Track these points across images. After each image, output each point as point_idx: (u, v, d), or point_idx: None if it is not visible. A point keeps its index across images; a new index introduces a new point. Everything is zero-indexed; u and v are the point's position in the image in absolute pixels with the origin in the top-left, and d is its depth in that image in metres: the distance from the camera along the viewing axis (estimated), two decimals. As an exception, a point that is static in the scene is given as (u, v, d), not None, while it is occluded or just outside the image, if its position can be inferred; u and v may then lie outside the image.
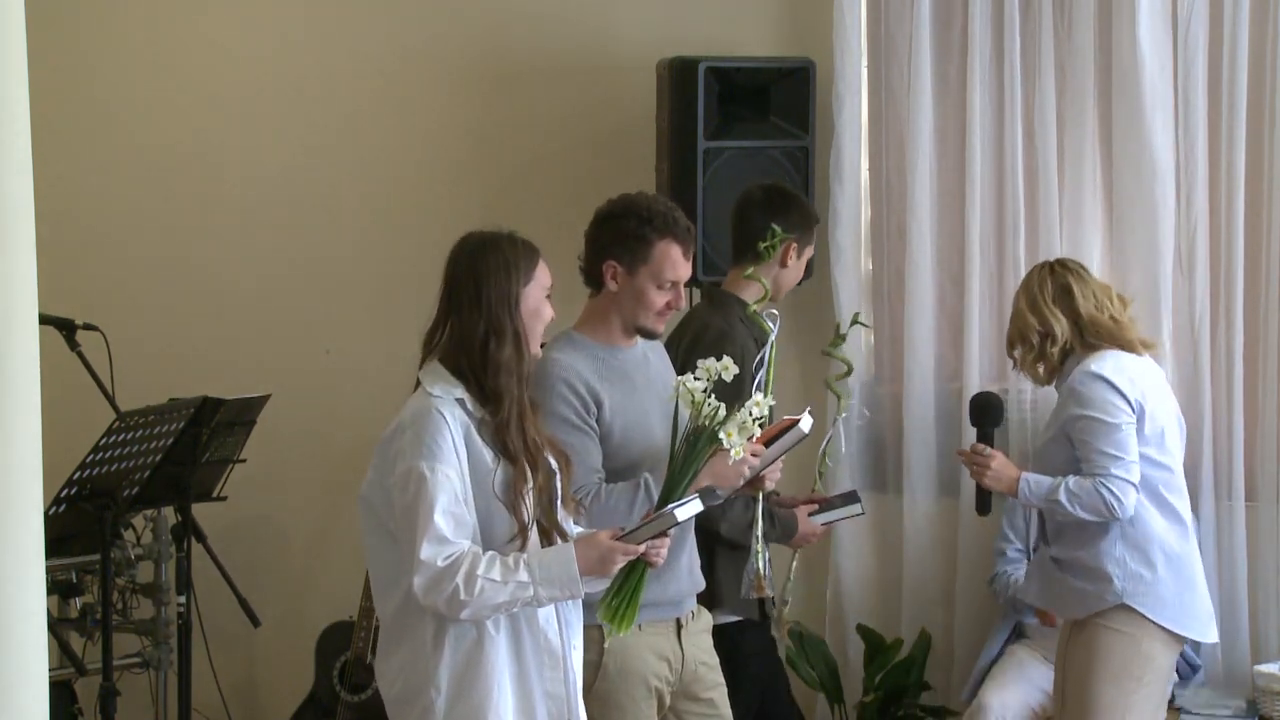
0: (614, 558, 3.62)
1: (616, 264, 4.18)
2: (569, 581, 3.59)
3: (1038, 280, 4.86)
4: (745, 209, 4.88)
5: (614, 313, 4.23)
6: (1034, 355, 4.82)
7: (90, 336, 5.72)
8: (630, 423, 4.16)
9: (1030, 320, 4.81)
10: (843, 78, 5.94)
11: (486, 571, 3.53)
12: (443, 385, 3.65)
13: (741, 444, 3.80)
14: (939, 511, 5.99)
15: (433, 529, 3.53)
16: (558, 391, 4.11)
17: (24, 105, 2.97)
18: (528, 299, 3.69)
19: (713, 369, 3.81)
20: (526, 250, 3.73)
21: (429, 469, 3.55)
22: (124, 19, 6.65)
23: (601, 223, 4.23)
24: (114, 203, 6.62)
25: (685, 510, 3.67)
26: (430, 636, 3.63)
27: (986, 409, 4.90)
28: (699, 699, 4.32)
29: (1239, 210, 5.65)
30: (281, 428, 6.11)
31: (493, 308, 3.66)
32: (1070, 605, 4.78)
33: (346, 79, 6.48)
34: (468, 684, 3.62)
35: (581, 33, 6.27)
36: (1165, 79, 5.67)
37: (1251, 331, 5.68)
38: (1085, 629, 4.70)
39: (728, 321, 4.73)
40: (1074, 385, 4.71)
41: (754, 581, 4.51)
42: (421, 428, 3.60)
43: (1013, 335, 4.89)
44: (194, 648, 5.72)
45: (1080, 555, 4.71)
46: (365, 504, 3.69)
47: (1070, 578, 4.72)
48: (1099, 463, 4.65)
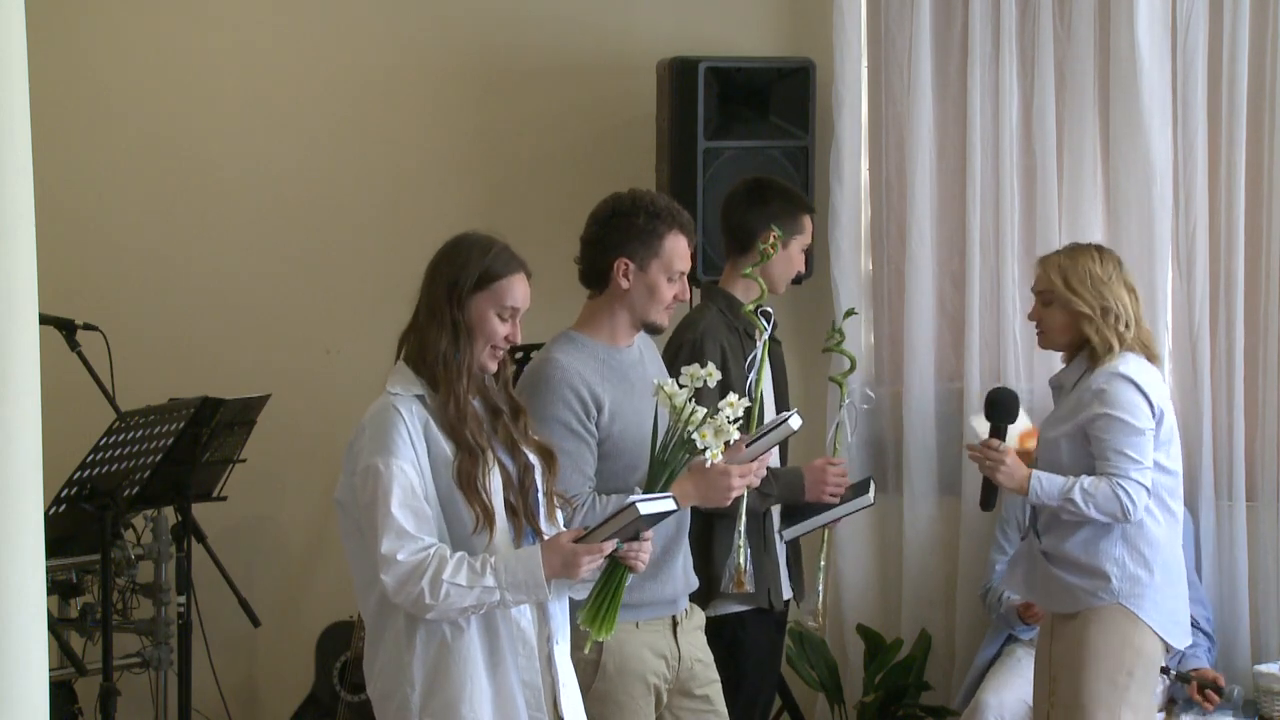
0: (578, 560, 3.60)
1: (629, 260, 4.18)
2: (535, 586, 3.58)
3: (1113, 261, 4.78)
4: (729, 205, 4.89)
5: (621, 310, 4.23)
6: (1108, 329, 4.74)
7: (90, 336, 5.72)
8: (629, 424, 4.15)
9: (1107, 296, 4.72)
10: (843, 78, 5.95)
11: (453, 576, 3.54)
12: (403, 384, 3.68)
13: (718, 447, 3.79)
14: (939, 511, 5.99)
15: (391, 522, 3.55)
16: (561, 396, 4.11)
17: (24, 105, 2.97)
18: (475, 304, 3.68)
19: (697, 375, 3.82)
20: (498, 259, 3.71)
21: (384, 464, 3.58)
22: (125, 19, 6.64)
23: (607, 221, 4.22)
24: (114, 203, 6.62)
25: (650, 505, 3.61)
26: (403, 633, 3.64)
27: (1002, 404, 4.81)
28: (694, 695, 4.32)
29: (1239, 211, 5.66)
30: (281, 428, 6.11)
31: (435, 297, 3.68)
32: (1058, 599, 4.75)
33: (347, 79, 6.48)
34: (441, 678, 3.63)
35: (582, 33, 6.27)
36: (1164, 80, 5.67)
37: (1251, 332, 5.69)
38: (1074, 624, 4.69)
39: (706, 325, 4.71)
40: (1101, 385, 4.67)
41: (735, 576, 4.51)
42: (378, 425, 3.63)
43: (1091, 304, 4.74)
44: (194, 648, 5.72)
45: (1074, 551, 4.68)
46: (340, 506, 3.73)
47: (1062, 573, 4.70)
48: (1118, 464, 4.63)
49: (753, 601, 4.71)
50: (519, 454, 3.73)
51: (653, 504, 3.63)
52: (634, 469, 4.12)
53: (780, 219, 4.77)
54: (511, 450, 3.72)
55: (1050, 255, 4.85)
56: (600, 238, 4.22)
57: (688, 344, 4.67)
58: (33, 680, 3.01)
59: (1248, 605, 5.66)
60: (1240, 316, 5.67)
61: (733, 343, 4.66)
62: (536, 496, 3.75)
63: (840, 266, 5.97)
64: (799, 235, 4.85)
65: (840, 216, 5.97)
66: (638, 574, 3.78)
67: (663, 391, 3.79)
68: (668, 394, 3.78)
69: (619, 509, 3.64)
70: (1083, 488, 4.62)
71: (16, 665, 2.96)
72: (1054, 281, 4.73)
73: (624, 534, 3.64)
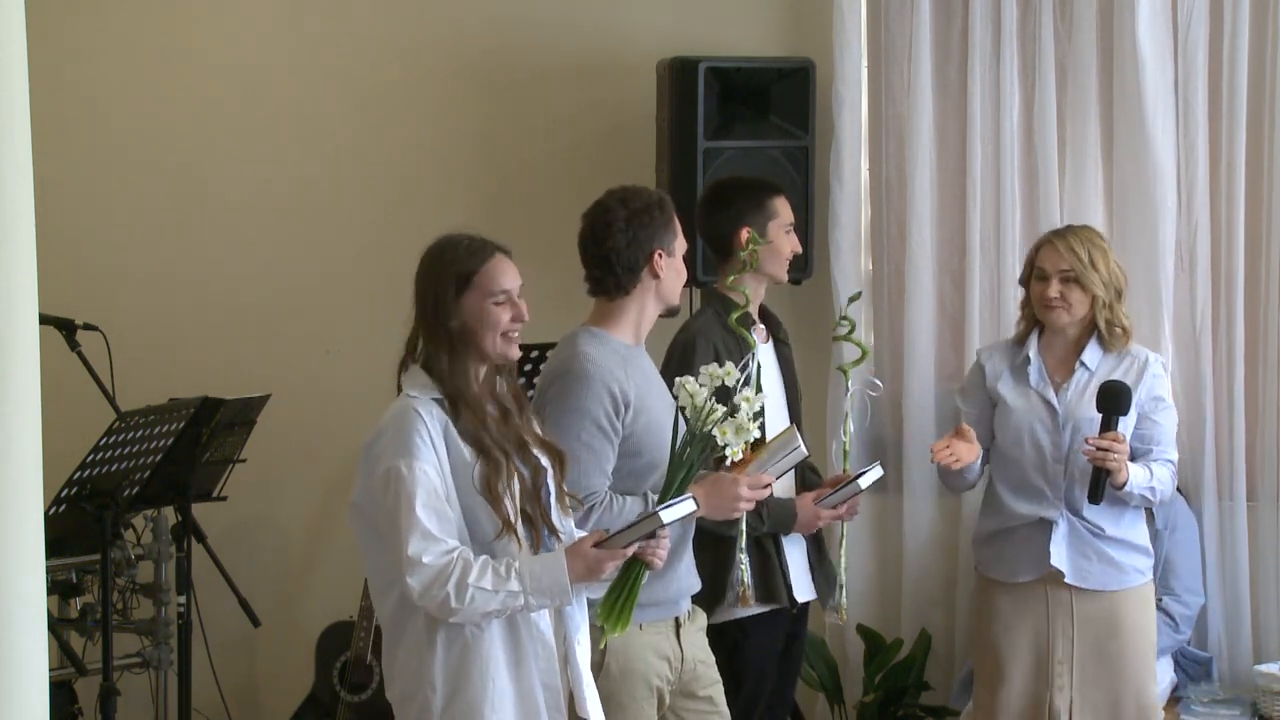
0: (602, 566, 3.64)
1: (664, 251, 4.23)
2: (559, 591, 3.60)
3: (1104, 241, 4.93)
4: (698, 217, 4.91)
5: (651, 304, 4.26)
6: (1121, 310, 4.85)
7: (90, 336, 5.71)
8: (651, 421, 4.18)
9: (1117, 274, 4.87)
10: (843, 78, 5.94)
11: (478, 580, 3.54)
12: (420, 386, 3.68)
13: (739, 444, 3.82)
14: (939, 511, 5.99)
15: (417, 524, 3.55)
16: (594, 390, 4.11)
17: (24, 105, 2.97)
18: (466, 306, 3.69)
19: (716, 373, 3.84)
20: (467, 255, 3.71)
21: (406, 467, 3.57)
22: (125, 19, 6.64)
23: (633, 220, 4.20)
24: (114, 203, 6.62)
25: (672, 512, 3.67)
26: (424, 635, 3.64)
27: (1117, 395, 4.77)
28: (697, 697, 4.32)
29: (1239, 211, 5.66)
30: (281, 428, 6.11)
31: (425, 315, 3.70)
32: (1104, 577, 4.84)
33: (347, 80, 6.48)
34: (463, 680, 3.63)
35: (582, 33, 6.27)
36: (1165, 79, 5.67)
37: (1252, 331, 5.69)
38: (1108, 601, 4.82)
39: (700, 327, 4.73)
40: (1156, 373, 4.87)
41: (739, 593, 4.52)
42: (398, 428, 3.62)
43: (1106, 281, 4.84)
44: (194, 648, 5.73)
45: (1125, 530, 4.85)
46: (356, 510, 3.71)
47: (1111, 550, 4.82)
48: (1171, 453, 4.88)
49: (769, 602, 4.72)
50: (530, 456, 3.73)
51: (674, 509, 3.68)
52: (654, 467, 4.15)
53: (748, 215, 4.78)
54: (523, 453, 3.71)
55: (1061, 232, 4.94)
56: (632, 239, 4.21)
57: (680, 345, 4.69)
58: (33, 680, 3.00)
59: (1248, 605, 5.66)
60: (1241, 316, 5.67)
61: (730, 343, 4.67)
62: (549, 499, 3.75)
63: (840, 266, 5.96)
64: (774, 220, 4.81)
65: (840, 216, 5.97)
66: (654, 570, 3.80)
67: (684, 390, 3.82)
68: (689, 392, 3.80)
69: (642, 516, 3.69)
70: (1158, 478, 4.80)
71: (16, 665, 2.96)
72: (1080, 258, 4.82)
73: (644, 537, 3.68)
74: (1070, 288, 4.81)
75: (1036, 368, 4.90)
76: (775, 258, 4.81)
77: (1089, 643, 4.84)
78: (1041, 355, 4.92)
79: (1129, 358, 4.87)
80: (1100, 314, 4.83)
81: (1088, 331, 4.87)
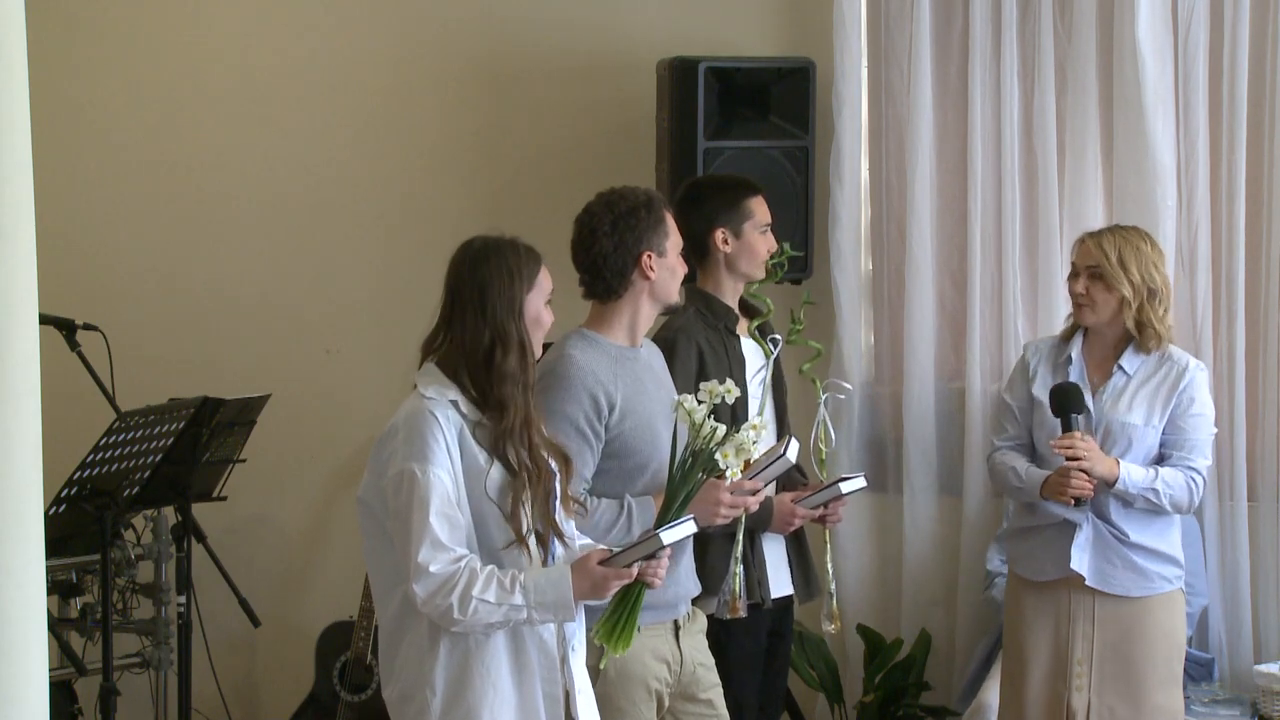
0: (607, 585, 3.64)
1: (652, 252, 4.23)
2: (563, 607, 3.60)
3: (1158, 248, 4.89)
4: (674, 211, 4.87)
5: (646, 305, 4.27)
6: (1152, 312, 4.81)
7: (90, 336, 5.72)
8: (640, 424, 4.17)
9: (1153, 276, 4.82)
10: (843, 78, 5.94)
11: (482, 592, 3.53)
12: (437, 387, 3.65)
13: (739, 465, 3.82)
14: (939, 511, 5.99)
15: (428, 532, 3.53)
16: (574, 394, 4.12)
17: (24, 105, 2.97)
18: (530, 306, 3.70)
19: (716, 391, 3.83)
20: (529, 257, 3.73)
21: (420, 471, 3.55)
22: (125, 20, 6.64)
23: (619, 224, 4.20)
24: (114, 203, 6.62)
25: (673, 534, 3.68)
26: (426, 637, 3.63)
27: (1067, 394, 4.78)
28: (697, 699, 4.32)
29: (1240, 211, 5.66)
30: (281, 428, 6.11)
31: (498, 316, 3.66)
32: (1129, 582, 4.82)
33: (347, 80, 6.48)
34: (463, 686, 3.62)
35: (582, 33, 6.27)
36: (1166, 80, 5.67)
37: (1253, 331, 5.69)
38: (1133, 608, 4.80)
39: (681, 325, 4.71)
40: (1197, 377, 4.82)
41: (729, 601, 4.52)
42: (414, 429, 3.60)
43: (1136, 282, 4.80)
44: (194, 648, 5.73)
45: (1153, 537, 4.81)
46: (363, 506, 3.70)
47: (1140, 559, 4.80)
48: (1197, 460, 4.80)
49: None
50: (541, 461, 3.71)
51: (675, 531, 3.69)
52: (643, 469, 4.15)
53: (721, 215, 4.78)
54: (535, 460, 3.70)
55: (1098, 230, 4.94)
56: (620, 242, 4.21)
57: (660, 344, 4.67)
58: (33, 680, 3.01)
59: (1249, 605, 5.66)
60: (1241, 316, 5.67)
61: (712, 339, 4.68)
62: (555, 502, 3.75)
63: (840, 266, 5.96)
64: (749, 220, 4.80)
65: (840, 216, 5.97)
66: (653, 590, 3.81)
67: (682, 408, 3.81)
68: (687, 410, 3.79)
69: (644, 537, 3.69)
70: (1165, 480, 4.74)
71: (16, 665, 2.97)
72: (1107, 256, 4.80)
73: (645, 557, 3.69)
74: (1096, 285, 4.81)
75: (1078, 368, 4.89)
76: (751, 257, 4.80)
77: (1109, 646, 4.82)
78: (1084, 356, 4.92)
79: (1168, 363, 4.83)
80: (1128, 315, 4.79)
81: (1128, 335, 4.85)
